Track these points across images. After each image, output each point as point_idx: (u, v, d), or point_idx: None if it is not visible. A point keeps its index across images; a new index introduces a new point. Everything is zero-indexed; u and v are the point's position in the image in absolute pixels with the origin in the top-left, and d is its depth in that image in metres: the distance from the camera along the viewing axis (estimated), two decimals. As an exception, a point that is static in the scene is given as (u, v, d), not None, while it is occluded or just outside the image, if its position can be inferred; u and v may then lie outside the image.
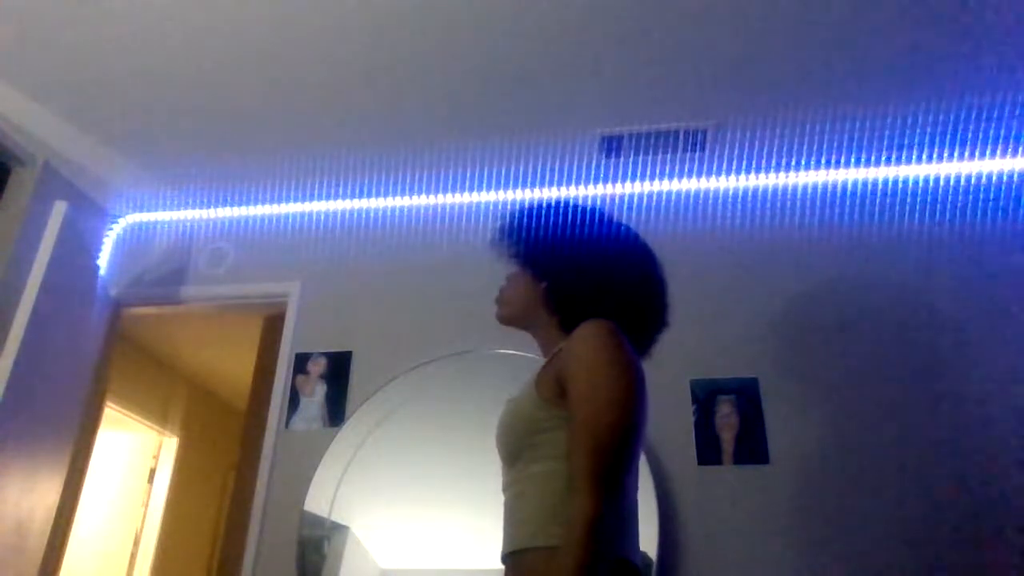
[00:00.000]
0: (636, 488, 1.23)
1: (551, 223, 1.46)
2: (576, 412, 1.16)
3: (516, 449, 1.26)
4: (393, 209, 2.99)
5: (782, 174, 2.72)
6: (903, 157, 2.61)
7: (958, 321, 2.42)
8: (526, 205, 1.52)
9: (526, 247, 1.46)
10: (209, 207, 3.11)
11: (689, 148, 2.64)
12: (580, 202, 1.49)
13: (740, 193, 2.76)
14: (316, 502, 2.51)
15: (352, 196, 3.00)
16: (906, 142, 2.55)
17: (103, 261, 3.09)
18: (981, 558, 2.13)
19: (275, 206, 3.07)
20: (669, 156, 2.68)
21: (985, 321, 2.40)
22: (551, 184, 2.84)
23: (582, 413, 1.16)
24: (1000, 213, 2.55)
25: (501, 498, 1.32)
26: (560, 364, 1.25)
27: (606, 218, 1.45)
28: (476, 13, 2.15)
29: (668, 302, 1.43)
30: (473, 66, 2.35)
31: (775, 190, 2.74)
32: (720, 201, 2.76)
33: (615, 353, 1.20)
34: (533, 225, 1.47)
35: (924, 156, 2.60)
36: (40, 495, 2.47)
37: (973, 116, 2.42)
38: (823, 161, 2.66)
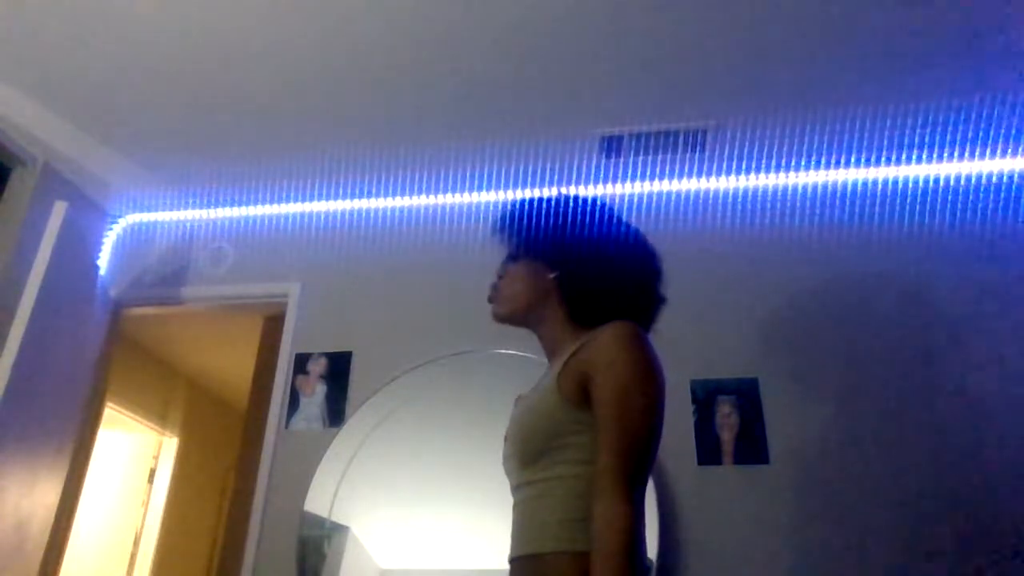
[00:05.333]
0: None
1: (554, 214, 1.41)
2: (606, 417, 1.14)
3: (536, 450, 1.22)
4: (393, 209, 2.99)
5: (782, 174, 2.72)
6: (903, 157, 2.61)
7: (958, 321, 2.42)
8: (526, 198, 1.46)
9: (532, 236, 1.40)
10: (209, 207, 3.11)
11: (689, 148, 2.63)
12: (577, 194, 1.45)
13: (740, 193, 2.76)
14: (316, 502, 2.51)
15: (352, 196, 3.00)
16: (906, 142, 2.55)
17: (103, 261, 3.09)
18: (981, 556, 2.13)
19: (275, 206, 3.07)
20: (669, 156, 2.68)
21: (985, 320, 2.40)
22: (551, 184, 2.84)
23: (614, 419, 1.14)
24: (1000, 213, 2.55)
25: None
26: (583, 365, 1.21)
27: (604, 207, 1.42)
28: (476, 13, 2.15)
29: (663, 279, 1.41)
30: (473, 66, 2.35)
31: (775, 190, 2.74)
32: (720, 201, 2.76)
33: (644, 359, 1.19)
34: (536, 214, 1.42)
35: (924, 156, 2.60)
36: (40, 495, 2.47)
37: (973, 116, 2.42)
38: (823, 161, 2.65)
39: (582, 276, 1.34)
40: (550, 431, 1.21)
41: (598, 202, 1.42)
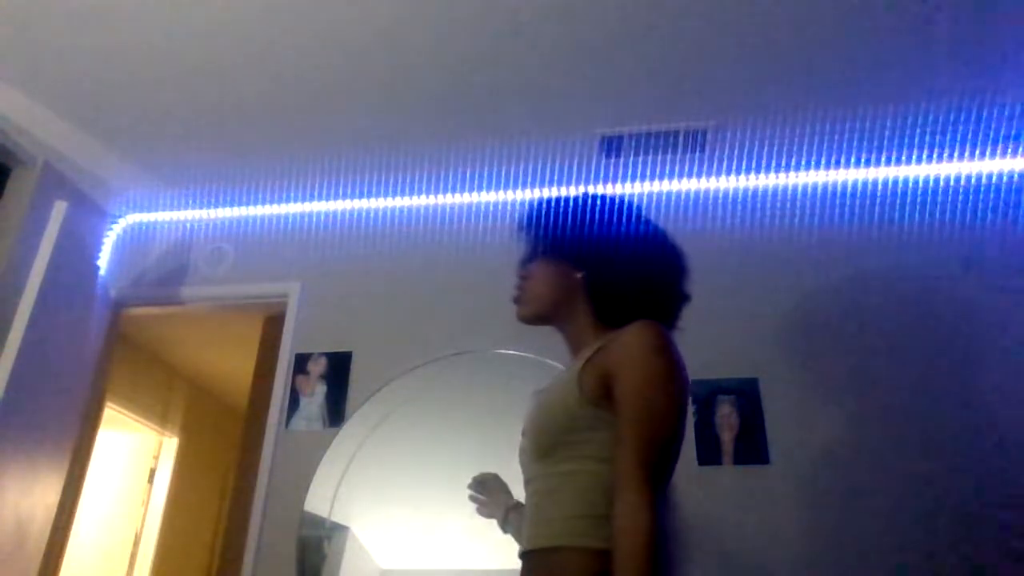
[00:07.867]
0: None
1: (579, 213, 1.41)
2: (628, 416, 1.14)
3: (550, 444, 1.22)
4: (393, 209, 2.99)
5: (782, 174, 2.72)
6: (903, 157, 2.61)
7: (958, 320, 2.42)
8: (548, 197, 1.46)
9: (557, 235, 1.40)
10: (209, 207, 3.11)
11: (689, 148, 2.63)
12: (602, 193, 1.45)
13: (740, 193, 2.76)
14: (316, 502, 2.51)
15: (352, 196, 3.00)
16: (906, 142, 2.55)
17: (103, 261, 3.09)
18: (982, 559, 2.13)
19: (275, 206, 3.07)
20: (669, 156, 2.68)
21: (985, 320, 2.40)
22: (551, 184, 2.84)
23: (635, 418, 1.13)
24: (1000, 213, 2.55)
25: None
26: (606, 364, 1.20)
27: (629, 206, 1.42)
28: (475, 13, 2.15)
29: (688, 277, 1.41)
30: (473, 66, 2.35)
31: (775, 190, 2.74)
32: (720, 201, 2.76)
33: (667, 359, 1.18)
34: (561, 213, 1.42)
35: (924, 156, 2.60)
36: (40, 495, 2.47)
37: (973, 116, 2.42)
38: (823, 161, 2.65)
39: (609, 276, 1.34)
40: (566, 426, 1.21)
41: (622, 201, 1.42)
